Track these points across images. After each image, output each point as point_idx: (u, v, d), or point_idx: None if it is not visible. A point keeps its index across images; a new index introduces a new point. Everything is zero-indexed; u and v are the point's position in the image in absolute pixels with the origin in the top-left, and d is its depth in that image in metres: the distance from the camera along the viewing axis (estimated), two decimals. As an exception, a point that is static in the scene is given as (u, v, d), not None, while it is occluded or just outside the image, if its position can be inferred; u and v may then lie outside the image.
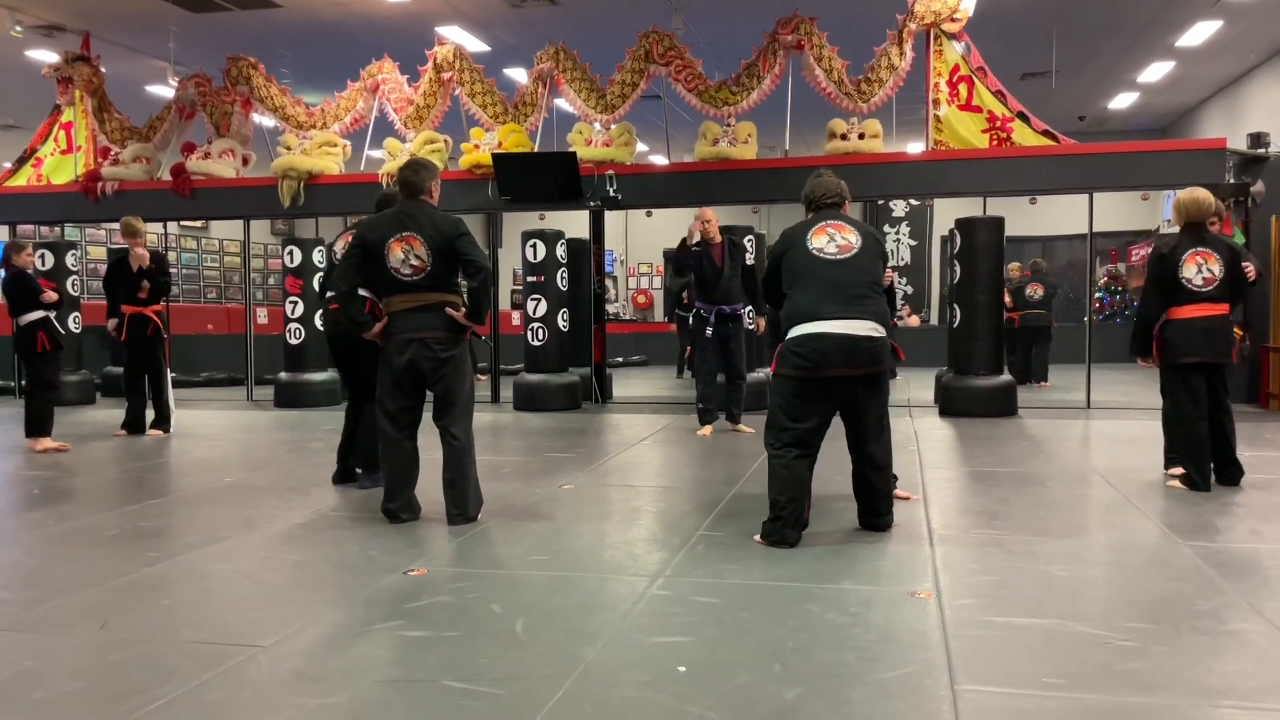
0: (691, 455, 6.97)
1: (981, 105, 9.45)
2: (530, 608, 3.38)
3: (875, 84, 9.54)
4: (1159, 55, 14.04)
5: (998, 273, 9.29)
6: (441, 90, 10.61)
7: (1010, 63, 12.63)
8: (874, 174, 9.68)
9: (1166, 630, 3.08)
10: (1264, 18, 12.11)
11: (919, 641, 3.01)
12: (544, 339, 9.84)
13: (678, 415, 9.12)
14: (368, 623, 3.24)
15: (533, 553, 4.14)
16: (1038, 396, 10.81)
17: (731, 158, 9.75)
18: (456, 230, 4.56)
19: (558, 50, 10.22)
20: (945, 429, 8.24)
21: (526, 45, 11.16)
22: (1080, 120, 17.68)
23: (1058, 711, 2.49)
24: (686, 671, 2.78)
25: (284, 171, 10.69)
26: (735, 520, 4.69)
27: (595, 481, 5.87)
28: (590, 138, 10.06)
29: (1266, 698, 2.58)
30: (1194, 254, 5.24)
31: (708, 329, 7.65)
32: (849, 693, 2.63)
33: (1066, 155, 9.30)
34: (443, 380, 4.62)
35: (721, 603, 3.42)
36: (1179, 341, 5.23)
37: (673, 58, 9.82)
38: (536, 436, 7.96)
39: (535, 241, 9.86)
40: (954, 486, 5.77)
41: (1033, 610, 3.30)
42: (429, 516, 4.73)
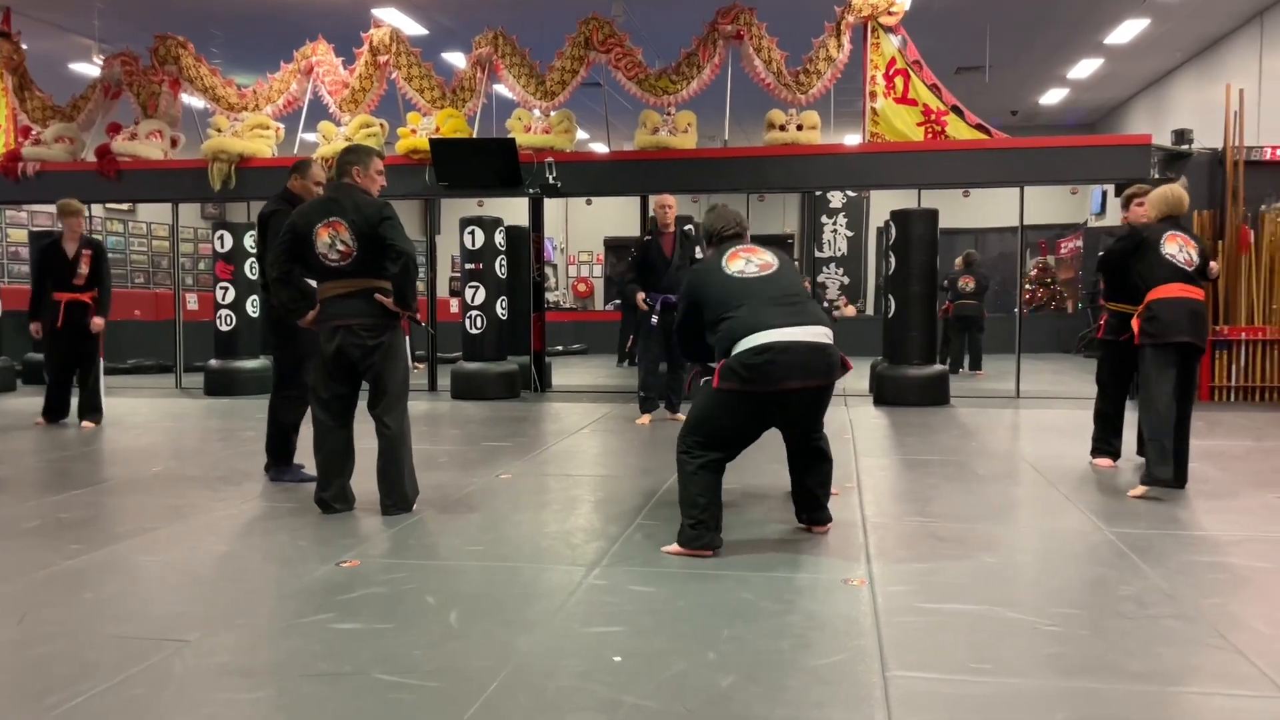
0: (631, 444, 6.97)
1: (917, 98, 9.57)
2: (465, 598, 3.35)
3: (813, 75, 9.60)
4: (1088, 52, 14.37)
5: (932, 264, 9.43)
6: (378, 73, 10.44)
7: (945, 57, 12.82)
8: (812, 165, 9.76)
9: (1091, 615, 3.16)
10: (1190, 16, 12.46)
11: (852, 628, 3.05)
12: (482, 327, 9.76)
13: (617, 404, 9.12)
14: (298, 615, 3.19)
15: (468, 543, 4.10)
16: (969, 386, 11.02)
17: (671, 147, 9.75)
18: (380, 214, 4.49)
19: (496, 35, 10.12)
20: (880, 418, 8.36)
21: (465, 29, 11.03)
22: (1013, 115, 18.04)
23: (984, 696, 2.54)
24: (622, 661, 2.78)
25: (214, 154, 10.43)
26: (673, 509, 4.66)
27: (533, 471, 5.85)
28: (530, 124, 9.99)
29: (1184, 680, 2.66)
30: (1174, 235, 5.13)
31: (653, 317, 7.66)
32: (783, 679, 2.66)
33: (999, 149, 9.47)
34: (373, 368, 4.56)
35: (658, 591, 3.43)
36: (1169, 319, 4.94)
37: (613, 45, 9.78)
38: (474, 425, 7.90)
39: (473, 228, 9.76)
40: (887, 474, 5.86)
41: (962, 596, 3.36)
42: (363, 507, 4.67)
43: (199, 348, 11.27)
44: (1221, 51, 13.54)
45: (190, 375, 11.08)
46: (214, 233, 10.59)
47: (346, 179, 4.62)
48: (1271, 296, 9.34)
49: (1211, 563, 3.80)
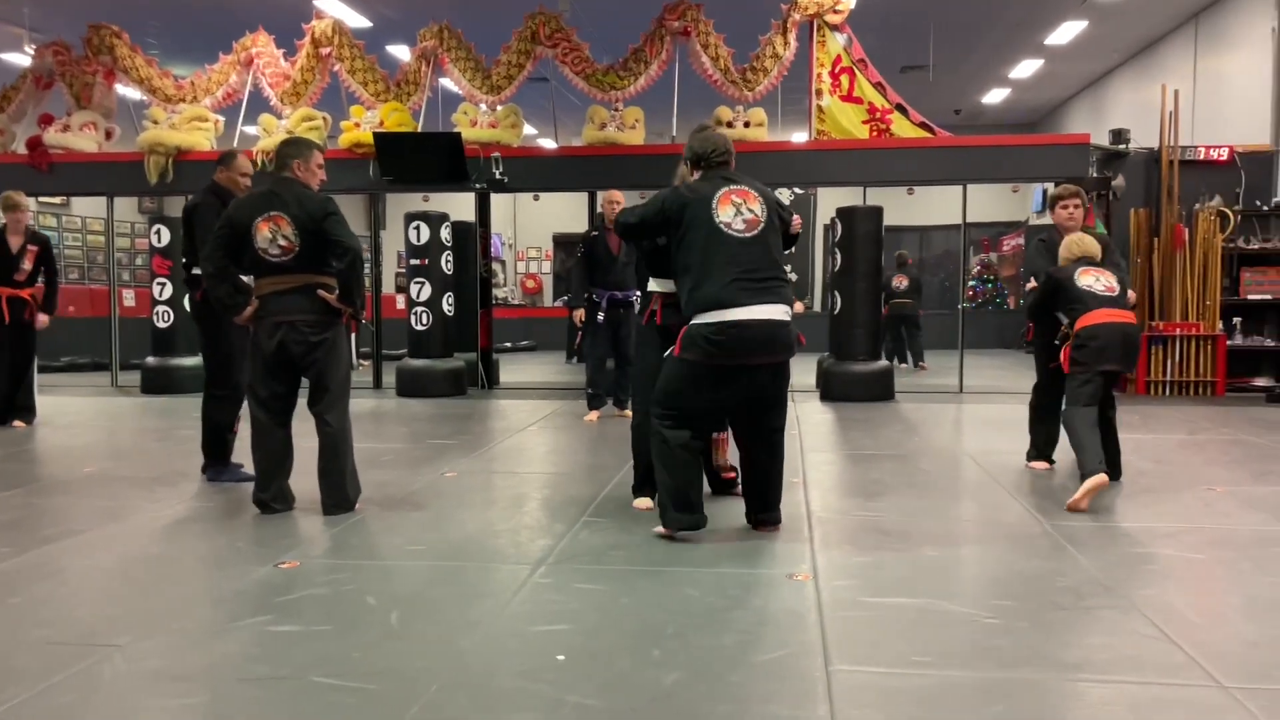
0: (578, 441, 6.94)
1: (862, 97, 9.65)
2: (407, 599, 3.30)
3: (760, 73, 9.64)
4: (1029, 53, 14.61)
5: (877, 261, 9.52)
6: (320, 66, 10.28)
7: (890, 56, 12.94)
8: (759, 162, 9.76)
9: (1029, 607, 3.20)
10: (1127, 18, 12.72)
11: (796, 623, 3.05)
12: (428, 323, 9.66)
13: (565, 401, 9.08)
14: (234, 618, 3.12)
15: (411, 542, 4.05)
16: (913, 381, 11.14)
17: (619, 142, 9.72)
18: (324, 210, 4.42)
19: (442, 28, 10.01)
20: (826, 413, 8.42)
21: (409, 22, 10.89)
22: (956, 114, 18.28)
23: (925, 689, 2.56)
24: (566, 659, 2.75)
25: (151, 146, 10.19)
26: (620, 506, 4.68)
27: (479, 468, 5.79)
28: (476, 119, 9.90)
29: (1119, 670, 2.70)
30: (1087, 269, 5.09)
31: (599, 314, 7.63)
32: (727, 676, 2.65)
33: (942, 147, 9.59)
34: (315, 365, 4.48)
35: (603, 589, 3.41)
36: (1099, 347, 4.88)
37: (560, 40, 9.72)
38: (420, 423, 7.81)
39: (419, 224, 9.65)
40: (833, 469, 5.90)
41: (905, 590, 3.38)
42: (303, 507, 4.58)
43: (136, 345, 11.01)
44: (1158, 53, 13.85)
45: (127, 373, 10.82)
46: (151, 227, 10.34)
47: (286, 172, 4.54)
48: (1205, 293, 9.57)
49: (1146, 554, 3.88)
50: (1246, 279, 9.82)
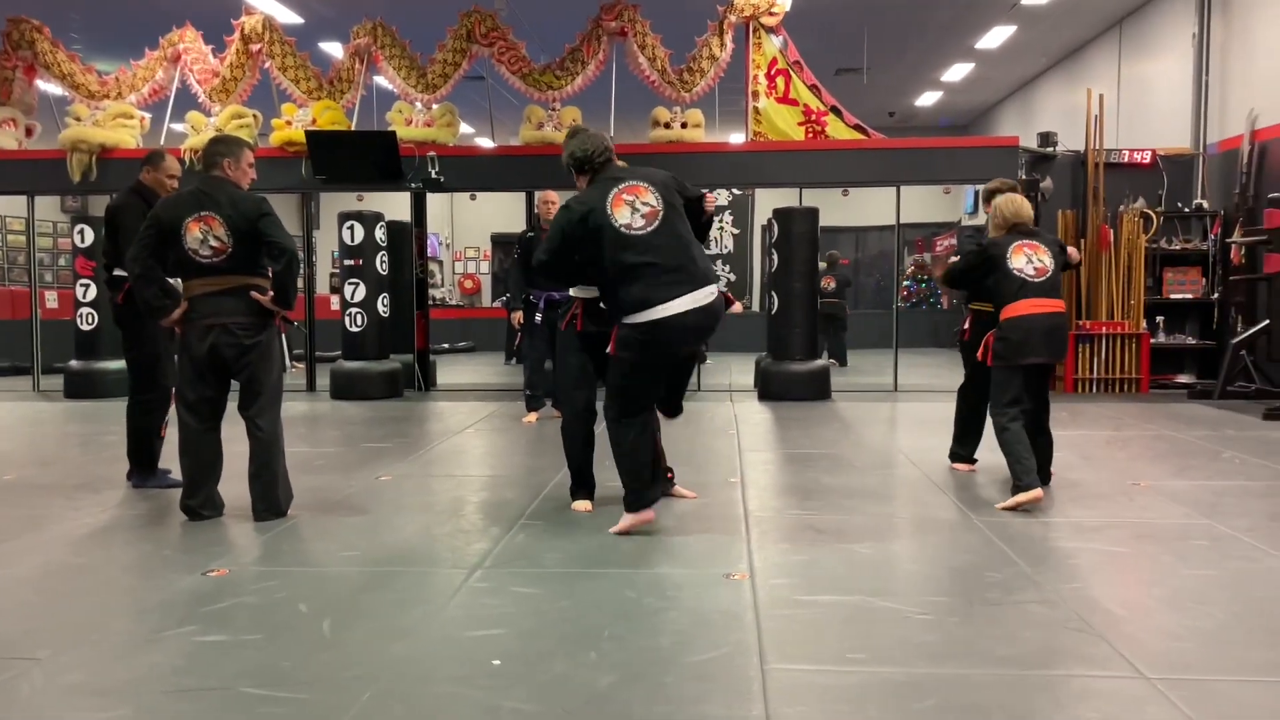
0: (517, 443, 6.90)
1: (798, 98, 9.74)
2: (340, 606, 3.25)
3: (697, 74, 9.67)
4: (960, 57, 14.88)
5: (813, 261, 9.61)
6: (250, 63, 10.08)
7: (825, 58, 13.09)
8: (697, 163, 9.82)
9: (959, 603, 3.25)
10: (1054, 24, 13.02)
11: (732, 623, 3.07)
12: (363, 325, 9.52)
13: (504, 402, 9.02)
14: (159, 629, 3.03)
15: (345, 548, 3.98)
16: (849, 380, 11.27)
17: (557, 142, 9.66)
18: (259, 211, 4.33)
19: (376, 26, 9.88)
20: (764, 412, 8.48)
21: (342, 19, 10.74)
22: (890, 116, 18.56)
23: (857, 685, 2.59)
24: (501, 664, 2.73)
25: (73, 144, 9.91)
26: (559, 508, 4.66)
27: (415, 472, 5.73)
28: (411, 117, 9.79)
29: (1046, 663, 2.76)
30: (1021, 245, 4.93)
31: (537, 315, 7.59)
32: (662, 677, 2.65)
33: (876, 149, 9.72)
34: (248, 368, 4.39)
35: (540, 592, 3.39)
36: (1020, 340, 4.79)
37: (496, 39, 9.66)
38: (354, 426, 7.70)
39: (353, 223, 9.51)
40: (770, 468, 5.94)
41: (839, 588, 3.42)
42: (233, 513, 4.49)
43: (58, 348, 10.68)
44: (1084, 58, 14.20)
45: (49, 377, 10.51)
46: (74, 227, 10.05)
47: (216, 171, 4.44)
48: (1130, 292, 9.83)
49: (1073, 548, 3.97)
50: (1169, 279, 10.12)
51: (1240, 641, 2.90)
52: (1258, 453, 6.10)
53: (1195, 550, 3.92)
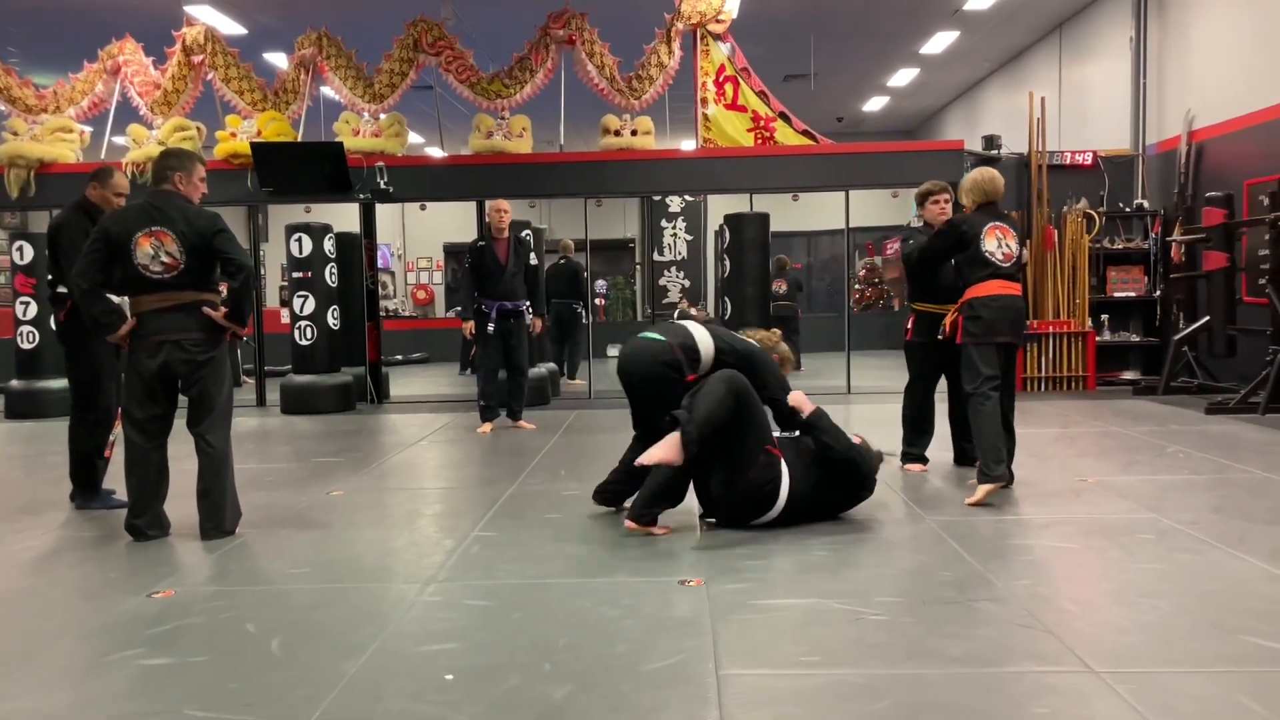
0: (471, 454, 6.84)
1: (746, 105, 9.80)
2: (289, 624, 3.19)
3: (646, 81, 9.70)
4: (906, 62, 15.07)
5: (765, 266, 9.66)
6: (192, 74, 9.92)
7: (773, 65, 13.19)
8: (648, 170, 9.86)
9: (913, 602, 3.28)
10: (995, 29, 13.23)
11: (688, 629, 3.06)
12: (313, 338, 9.40)
13: (458, 413, 8.95)
14: (104, 653, 2.96)
15: (294, 565, 3.92)
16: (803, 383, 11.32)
17: (507, 151, 9.66)
18: (213, 227, 4.27)
19: (320, 36, 9.78)
20: (719, 418, 8.49)
21: (286, 29, 10.62)
22: (839, 121, 18.74)
23: (812, 688, 2.60)
24: (454, 679, 2.70)
25: (10, 159, 9.68)
26: (513, 519, 4.63)
27: (368, 486, 5.66)
28: (358, 128, 9.69)
29: (998, 660, 2.78)
30: (993, 228, 4.97)
31: (489, 325, 7.55)
32: (618, 686, 2.64)
33: (824, 154, 9.80)
34: (199, 384, 4.31)
35: (494, 605, 3.36)
36: (992, 319, 4.88)
37: (443, 48, 9.60)
38: (305, 441, 7.59)
39: (301, 235, 9.39)
40: (726, 474, 5.94)
41: (794, 591, 3.43)
42: (180, 532, 4.40)
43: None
44: (1025, 62, 14.45)
45: (-11, 398, 10.24)
46: (12, 244, 9.80)
47: (166, 185, 4.36)
48: (1074, 291, 10.00)
49: (1022, 545, 4.02)
50: (1112, 277, 10.30)
51: (1185, 634, 2.95)
52: (1201, 447, 6.22)
53: (1141, 545, 3.98)
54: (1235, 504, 4.62)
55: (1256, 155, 8.88)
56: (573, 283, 11.47)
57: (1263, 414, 7.36)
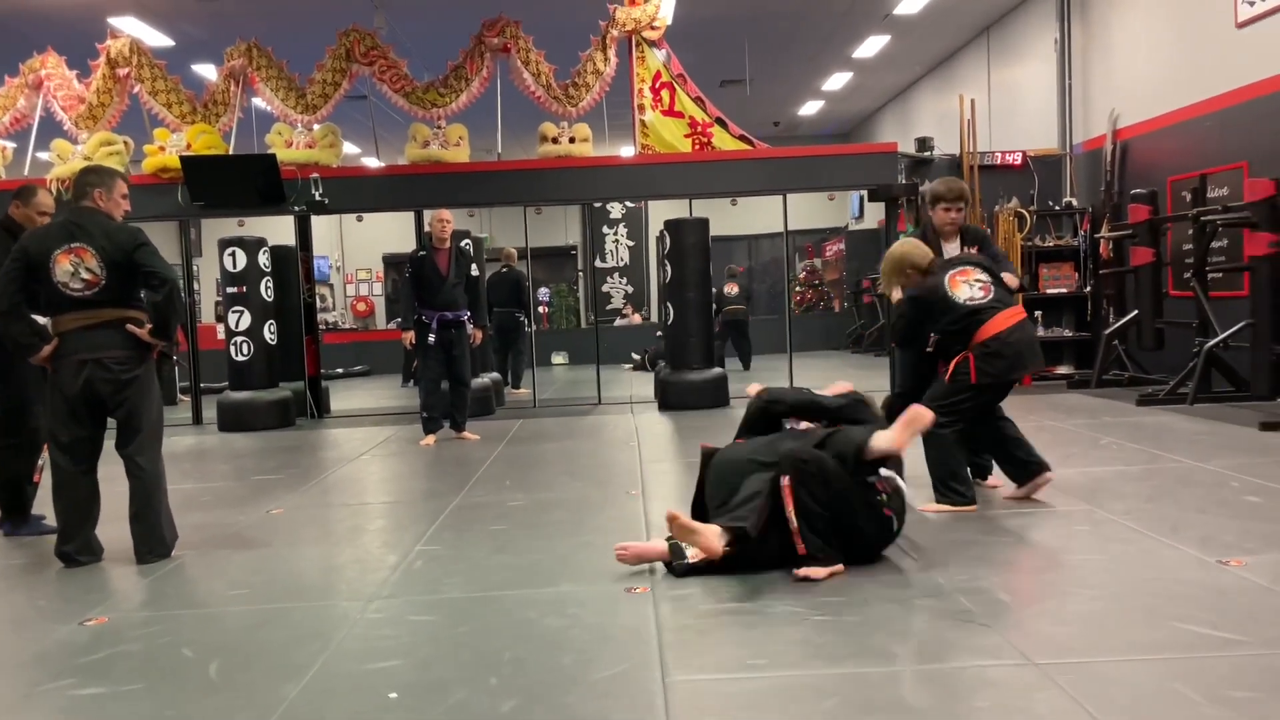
0: (415, 467, 6.77)
1: (683, 111, 9.84)
2: (228, 648, 3.12)
3: (583, 88, 9.69)
4: (839, 66, 15.26)
5: (706, 271, 9.71)
6: (118, 87, 9.70)
7: (709, 70, 13.26)
8: (587, 177, 9.84)
9: (856, 601, 3.30)
10: (925, 32, 13.45)
11: (634, 637, 3.06)
12: (249, 353, 9.23)
13: (401, 426, 8.86)
14: (33, 684, 2.88)
15: (233, 586, 3.84)
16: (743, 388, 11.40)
17: (444, 160, 9.58)
18: (134, 241, 4.17)
19: (250, 46, 9.62)
20: (664, 423, 8.52)
21: (215, 40, 10.43)
22: (775, 126, 18.91)
23: (758, 691, 2.61)
24: (398, 697, 2.67)
25: (-72, 177, 9.38)
26: (457, 532, 4.59)
27: (308, 503, 5.56)
28: (291, 139, 9.55)
29: (942, 657, 2.82)
30: (953, 276, 4.57)
31: (430, 336, 7.48)
32: (565, 697, 2.63)
33: (761, 159, 9.88)
34: (125, 404, 4.21)
35: (438, 619, 3.33)
36: (1011, 355, 4.46)
37: (376, 57, 9.50)
38: (243, 459, 7.45)
39: (234, 250, 9.22)
40: (671, 479, 5.95)
41: (739, 595, 3.44)
42: (114, 557, 4.29)
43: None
44: (955, 64, 14.72)
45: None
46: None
47: (87, 201, 4.27)
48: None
49: (962, 540, 4.07)
50: (1044, 275, 10.52)
51: (1121, 623, 3.02)
52: (1133, 438, 6.37)
53: (1077, 535, 4.07)
54: (1167, 493, 4.74)
55: (1178, 152, 9.14)
56: (515, 291, 11.43)
57: (1191, 404, 7.56)
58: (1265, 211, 7.05)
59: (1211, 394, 7.70)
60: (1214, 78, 8.57)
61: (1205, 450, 5.81)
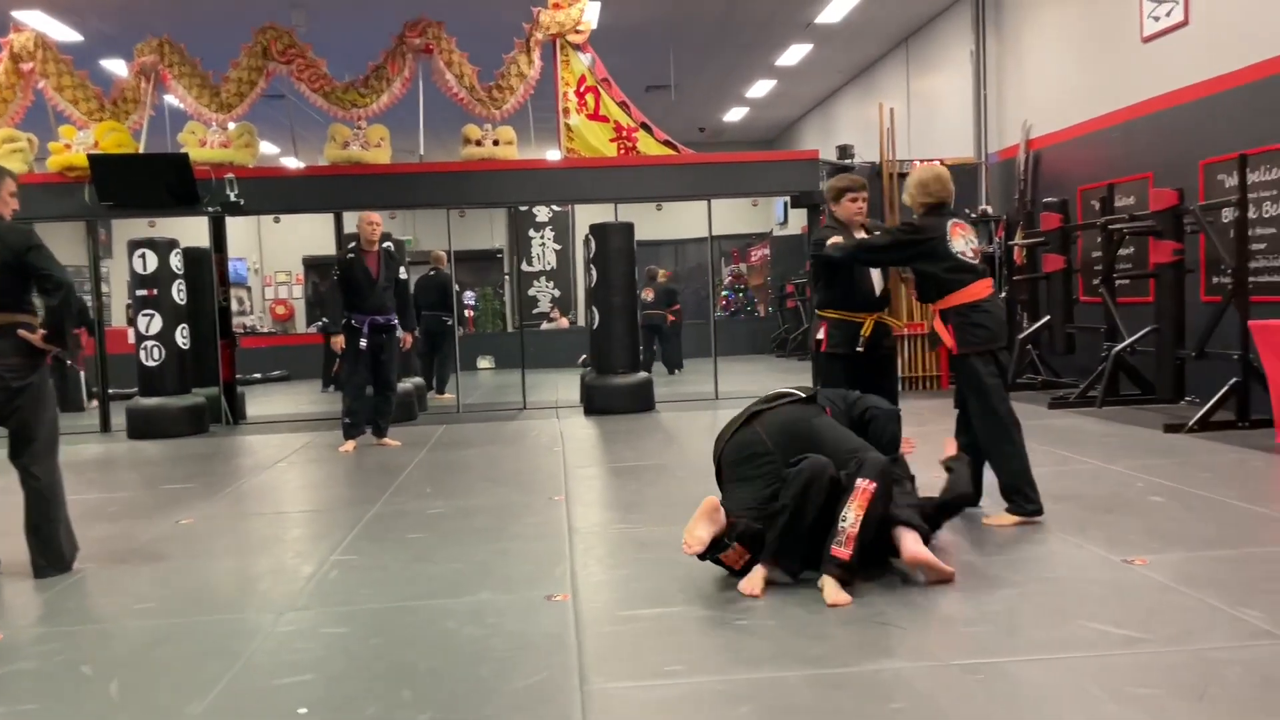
0: (333, 474, 6.63)
1: (608, 115, 9.84)
2: (130, 664, 3.02)
3: (507, 91, 9.62)
4: (763, 73, 15.41)
5: (631, 275, 9.71)
6: (21, 83, 9.34)
7: (634, 76, 13.28)
8: (512, 180, 9.78)
9: (774, 607, 3.32)
10: (846, 42, 13.66)
11: (554, 645, 3.03)
12: (160, 358, 8.95)
13: (320, 432, 8.67)
14: (-82, 709, 2.73)
15: (137, 600, 3.71)
16: (671, 390, 11.44)
17: (364, 161, 9.43)
18: (26, 243, 4.00)
19: (162, 43, 9.34)
20: (590, 427, 8.49)
21: (125, 35, 10.10)
22: (701, 131, 19.03)
23: (676, 698, 2.60)
24: (308, 712, 2.60)
25: None
26: (375, 541, 4.50)
27: (221, 512, 5.41)
28: (205, 138, 9.30)
29: (856, 660, 2.84)
30: (955, 225, 4.45)
31: (361, 340, 7.32)
32: (481, 709, 2.59)
33: (686, 164, 9.92)
34: (18, 413, 4.04)
35: (353, 632, 3.26)
36: (994, 326, 4.38)
37: (294, 56, 9.31)
38: (154, 467, 7.21)
39: (145, 251, 8.94)
40: (595, 484, 5.94)
41: (660, 600, 3.43)
42: (9, 571, 4.11)
43: None
44: (876, 73, 14.98)
45: None
46: None
47: None
48: (926, 294, 10.40)
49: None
50: (961, 280, 10.74)
51: (1030, 623, 3.08)
52: (1045, 440, 6.53)
53: (990, 537, 4.15)
54: (1076, 494, 4.87)
55: (1088, 162, 9.42)
56: (443, 295, 11.30)
57: (1100, 407, 7.79)
58: (1169, 221, 7.30)
59: (1119, 397, 7.95)
60: (1121, 91, 8.86)
61: (1112, 452, 5.99)
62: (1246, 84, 7.37)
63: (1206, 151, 7.71)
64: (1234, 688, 2.52)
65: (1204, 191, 7.65)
